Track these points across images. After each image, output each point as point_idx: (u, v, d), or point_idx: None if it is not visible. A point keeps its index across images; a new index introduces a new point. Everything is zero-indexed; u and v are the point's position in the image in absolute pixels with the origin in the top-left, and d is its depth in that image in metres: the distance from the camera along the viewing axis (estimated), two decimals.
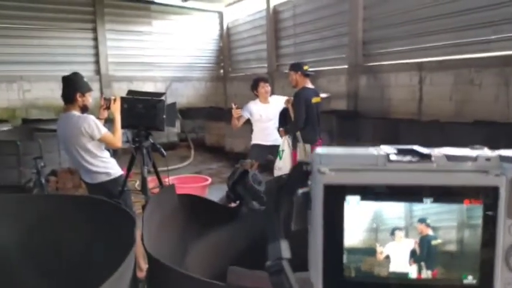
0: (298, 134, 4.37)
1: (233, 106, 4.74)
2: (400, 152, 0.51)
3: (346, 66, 7.48)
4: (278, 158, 4.34)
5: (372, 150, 0.51)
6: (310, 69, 4.49)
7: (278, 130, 4.83)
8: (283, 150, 4.32)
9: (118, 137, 3.02)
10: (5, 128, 7.76)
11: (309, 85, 4.34)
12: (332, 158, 0.49)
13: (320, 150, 0.53)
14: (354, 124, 5.89)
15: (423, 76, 5.86)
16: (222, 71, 12.81)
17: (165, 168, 3.00)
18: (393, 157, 0.49)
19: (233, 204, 1.95)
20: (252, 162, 1.91)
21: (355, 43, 7.14)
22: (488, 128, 4.05)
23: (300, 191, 0.53)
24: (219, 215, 1.94)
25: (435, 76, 5.68)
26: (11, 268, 1.64)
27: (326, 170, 0.47)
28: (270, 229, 0.58)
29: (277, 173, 4.34)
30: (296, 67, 4.32)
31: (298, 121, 4.19)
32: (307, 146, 4.31)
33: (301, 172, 0.53)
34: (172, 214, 1.76)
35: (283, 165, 4.31)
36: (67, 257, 1.54)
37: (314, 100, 4.27)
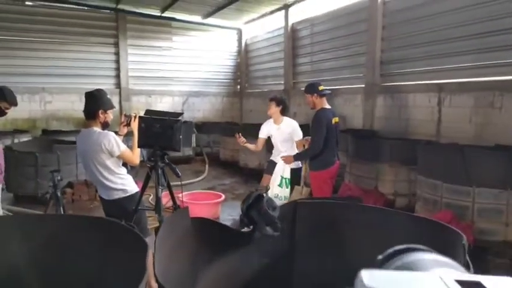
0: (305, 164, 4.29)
1: (237, 136, 4.71)
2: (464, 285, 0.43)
3: (363, 86, 7.44)
4: (284, 185, 4.23)
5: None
6: (326, 88, 4.43)
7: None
8: (287, 178, 4.24)
9: (137, 155, 3.05)
10: (25, 139, 7.94)
11: (327, 105, 4.30)
12: None
13: (365, 276, 0.46)
14: (370, 144, 5.81)
15: (443, 97, 5.77)
16: (238, 86, 12.93)
17: (179, 183, 2.99)
18: None
19: (246, 229, 1.92)
20: (267, 186, 1.89)
21: (373, 63, 7.11)
22: (510, 152, 3.93)
23: None
24: (231, 240, 1.91)
25: (455, 98, 5.59)
26: (18, 286, 1.64)
27: None
28: None
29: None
30: (311, 89, 4.27)
31: (317, 142, 4.07)
32: (305, 189, 4.26)
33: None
34: (184, 238, 1.74)
35: (282, 194, 4.24)
36: (76, 280, 1.53)
37: (334, 121, 4.22)
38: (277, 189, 4.20)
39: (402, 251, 0.68)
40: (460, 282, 0.45)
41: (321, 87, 4.25)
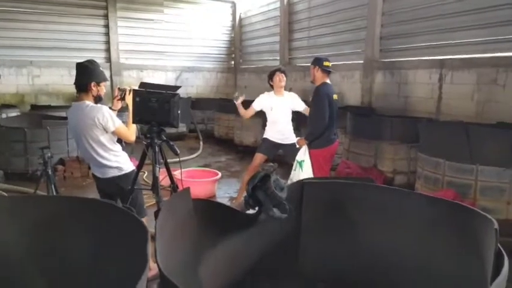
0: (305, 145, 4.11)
1: (236, 96, 4.60)
2: None
3: (361, 62, 7.26)
4: (300, 169, 4.08)
5: None
6: (329, 66, 4.24)
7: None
8: (303, 161, 4.06)
9: (133, 131, 2.89)
10: (14, 114, 7.69)
11: (328, 81, 4.15)
12: None
13: None
14: (369, 122, 5.70)
15: (444, 74, 5.63)
16: (233, 62, 12.63)
17: (176, 160, 2.85)
18: None
19: (252, 211, 1.81)
20: (274, 166, 1.76)
21: (372, 38, 6.91)
22: None
23: None
24: (236, 222, 1.80)
25: (457, 74, 5.45)
26: (12, 270, 1.52)
27: None
28: None
29: None
30: (316, 62, 4.11)
31: (324, 118, 3.92)
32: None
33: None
34: (186, 221, 1.62)
35: (294, 177, 4.08)
36: (72, 265, 1.41)
37: (334, 97, 4.07)
38: (295, 174, 4.05)
39: None
40: None
41: (326, 63, 4.08)
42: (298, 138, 4.41)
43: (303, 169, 4.00)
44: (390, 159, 5.20)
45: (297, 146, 4.27)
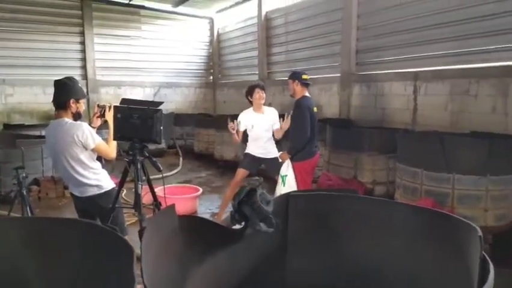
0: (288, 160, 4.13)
1: (229, 122, 4.52)
2: None
3: (339, 75, 7.41)
4: (282, 184, 4.08)
5: None
6: (307, 79, 4.31)
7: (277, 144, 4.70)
8: (286, 175, 4.07)
9: (113, 147, 2.83)
10: None
11: (307, 94, 4.20)
12: None
13: None
14: (349, 134, 5.78)
15: (418, 85, 5.81)
16: (211, 77, 12.67)
17: (158, 177, 2.81)
18: None
19: (238, 226, 1.79)
20: (260, 180, 1.76)
21: (348, 52, 7.08)
22: (487, 139, 3.98)
23: None
24: (222, 238, 1.78)
25: (430, 86, 5.63)
26: None
27: None
28: None
29: None
30: (295, 76, 4.17)
31: (306, 131, 3.94)
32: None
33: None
34: (171, 238, 1.58)
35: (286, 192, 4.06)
36: None
37: (315, 109, 4.13)
38: (279, 189, 4.04)
39: None
40: None
41: (304, 76, 4.15)
42: (280, 152, 4.42)
43: (285, 183, 4.01)
44: (370, 170, 5.27)
45: (280, 161, 4.27)
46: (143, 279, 1.23)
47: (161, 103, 2.79)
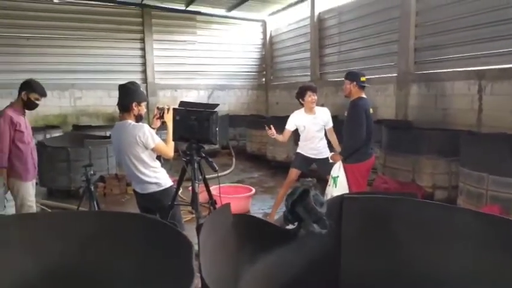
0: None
1: (267, 128, 4.54)
2: None
3: (395, 75, 7.15)
4: (333, 185, 4.03)
5: None
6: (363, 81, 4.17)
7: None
8: (337, 177, 4.01)
9: (171, 147, 2.99)
10: (57, 134, 8.09)
11: (363, 95, 4.09)
12: None
13: None
14: (406, 135, 5.56)
15: (484, 85, 5.44)
16: (264, 79, 12.78)
17: (214, 176, 2.90)
18: None
19: (291, 226, 1.80)
20: (313, 181, 1.75)
21: (406, 50, 6.82)
22: None
23: None
24: (274, 237, 1.79)
25: (497, 85, 5.26)
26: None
27: None
28: None
29: None
30: (352, 76, 4.04)
31: (361, 132, 3.84)
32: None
33: None
34: (226, 236, 1.63)
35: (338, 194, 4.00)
36: (118, 280, 1.45)
37: (371, 111, 4.02)
38: (331, 191, 4.01)
39: None
40: None
41: (363, 78, 4.03)
42: (332, 153, 4.36)
43: (337, 185, 3.95)
44: (429, 173, 5.03)
45: (331, 161, 4.22)
46: (201, 274, 1.29)
47: (217, 105, 2.89)
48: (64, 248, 1.54)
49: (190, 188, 2.79)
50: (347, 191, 3.98)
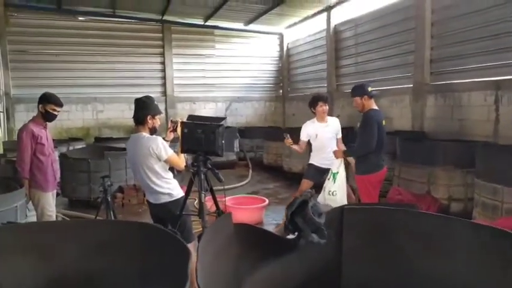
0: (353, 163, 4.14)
1: (285, 136, 4.65)
2: None
3: (411, 86, 7.12)
4: (332, 180, 4.09)
5: None
6: (373, 89, 4.21)
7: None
8: (337, 173, 4.08)
9: (183, 159, 3.10)
10: (79, 146, 8.36)
11: (375, 107, 4.11)
12: None
13: None
14: (421, 146, 5.51)
15: (501, 95, 5.37)
16: (281, 91, 12.88)
17: (221, 188, 2.98)
18: None
19: (291, 236, 1.85)
20: (312, 192, 1.81)
21: (422, 61, 6.79)
22: None
23: None
24: (275, 247, 1.85)
25: None
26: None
27: None
28: None
29: (328, 197, 4.09)
30: (360, 91, 4.07)
31: (371, 143, 3.87)
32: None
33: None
34: (227, 244, 1.70)
35: (337, 190, 4.07)
36: (121, 284, 1.54)
37: (384, 122, 4.03)
38: (329, 185, 4.10)
39: None
40: None
41: (370, 89, 4.07)
42: (336, 149, 4.38)
43: (336, 180, 4.00)
44: (445, 185, 4.96)
45: (332, 156, 4.26)
46: (197, 279, 1.35)
47: (224, 118, 2.98)
48: (74, 254, 1.64)
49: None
50: (345, 188, 4.09)
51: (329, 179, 4.17)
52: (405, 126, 7.10)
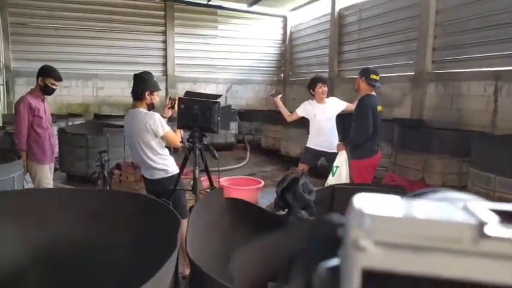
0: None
1: (273, 92, 4.73)
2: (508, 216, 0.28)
3: (412, 73, 7.09)
4: (331, 174, 4.09)
5: (455, 212, 0.30)
6: (378, 81, 4.13)
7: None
8: (337, 167, 4.06)
9: (179, 136, 3.12)
10: (78, 122, 8.39)
11: (372, 92, 4.11)
12: (381, 222, 0.30)
13: (359, 200, 0.33)
14: (418, 134, 5.54)
15: (500, 86, 5.36)
16: (282, 75, 12.81)
17: (216, 169, 3.02)
18: (491, 230, 0.29)
19: (281, 212, 1.89)
20: (303, 170, 1.84)
21: (424, 49, 6.75)
22: None
23: (325, 265, 0.34)
24: (266, 222, 1.90)
25: None
26: (65, 259, 1.72)
27: (369, 244, 0.30)
28: None
29: None
30: (363, 72, 4.07)
31: (367, 128, 3.88)
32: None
33: (328, 234, 0.34)
34: (218, 218, 1.75)
35: (334, 182, 4.08)
36: (113, 251, 1.59)
37: (379, 109, 4.04)
38: (329, 180, 4.07)
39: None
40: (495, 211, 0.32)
41: (373, 76, 4.02)
42: (338, 143, 4.40)
43: (335, 174, 4.01)
44: (439, 173, 5.01)
45: (336, 151, 4.26)
46: (186, 250, 1.40)
47: (219, 96, 2.99)
48: (67, 222, 1.68)
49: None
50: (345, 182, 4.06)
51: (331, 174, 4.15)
52: (405, 113, 7.11)
